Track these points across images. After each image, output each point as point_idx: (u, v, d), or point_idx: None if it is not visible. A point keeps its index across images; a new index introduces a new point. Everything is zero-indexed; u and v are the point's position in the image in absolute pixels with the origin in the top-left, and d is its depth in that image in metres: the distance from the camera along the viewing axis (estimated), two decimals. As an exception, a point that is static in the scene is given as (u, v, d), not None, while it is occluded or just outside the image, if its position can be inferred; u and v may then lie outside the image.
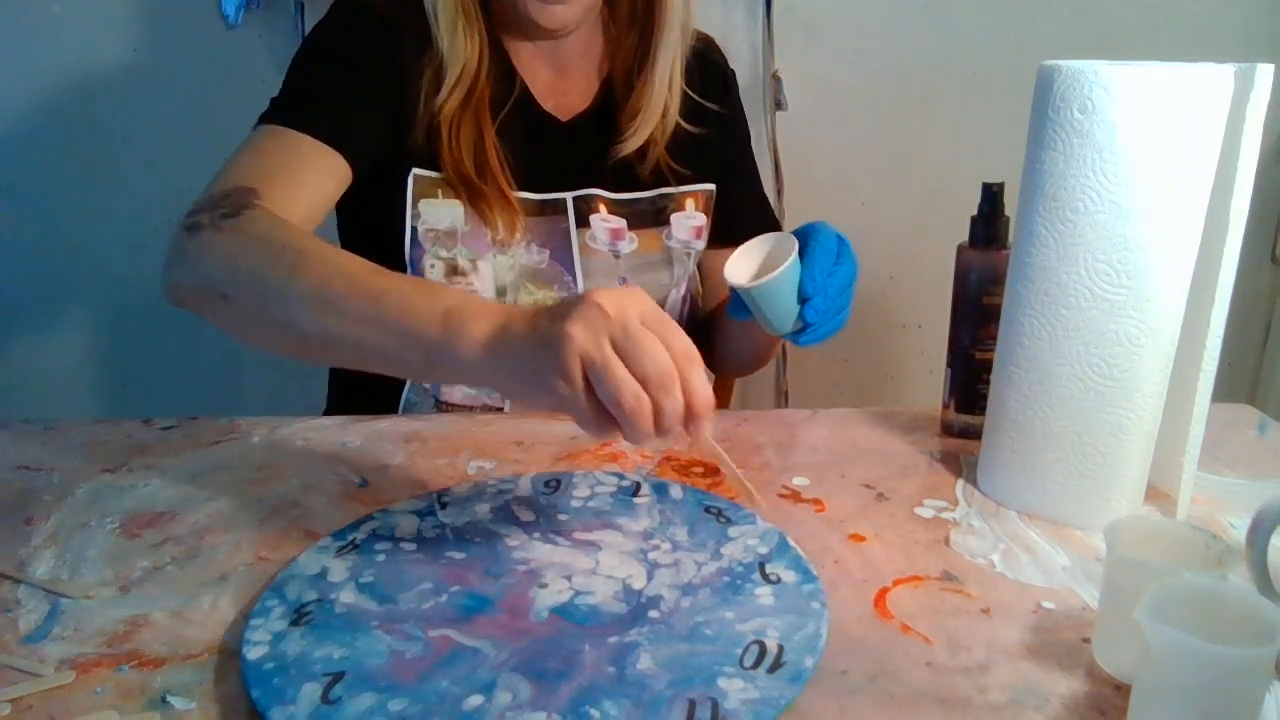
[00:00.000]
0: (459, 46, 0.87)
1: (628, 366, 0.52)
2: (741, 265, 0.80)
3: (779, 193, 1.58)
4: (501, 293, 0.91)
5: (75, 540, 0.67)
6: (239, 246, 0.67)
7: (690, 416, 0.54)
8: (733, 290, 0.78)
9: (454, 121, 0.88)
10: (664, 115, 0.94)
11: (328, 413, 1.04)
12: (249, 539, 0.67)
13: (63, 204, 1.56)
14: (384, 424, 0.86)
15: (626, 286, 0.52)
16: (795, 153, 1.58)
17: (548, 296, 0.93)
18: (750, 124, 1.08)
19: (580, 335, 0.52)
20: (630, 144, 0.94)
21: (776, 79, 1.54)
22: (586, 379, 0.52)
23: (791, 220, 1.61)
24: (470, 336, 0.56)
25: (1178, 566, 0.52)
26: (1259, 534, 0.55)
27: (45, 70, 1.50)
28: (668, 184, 0.97)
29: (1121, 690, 0.51)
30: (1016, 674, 0.53)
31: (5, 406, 1.63)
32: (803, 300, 0.77)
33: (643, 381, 0.52)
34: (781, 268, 0.75)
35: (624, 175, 0.96)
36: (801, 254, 0.77)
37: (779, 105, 1.54)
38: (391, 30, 0.88)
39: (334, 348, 0.62)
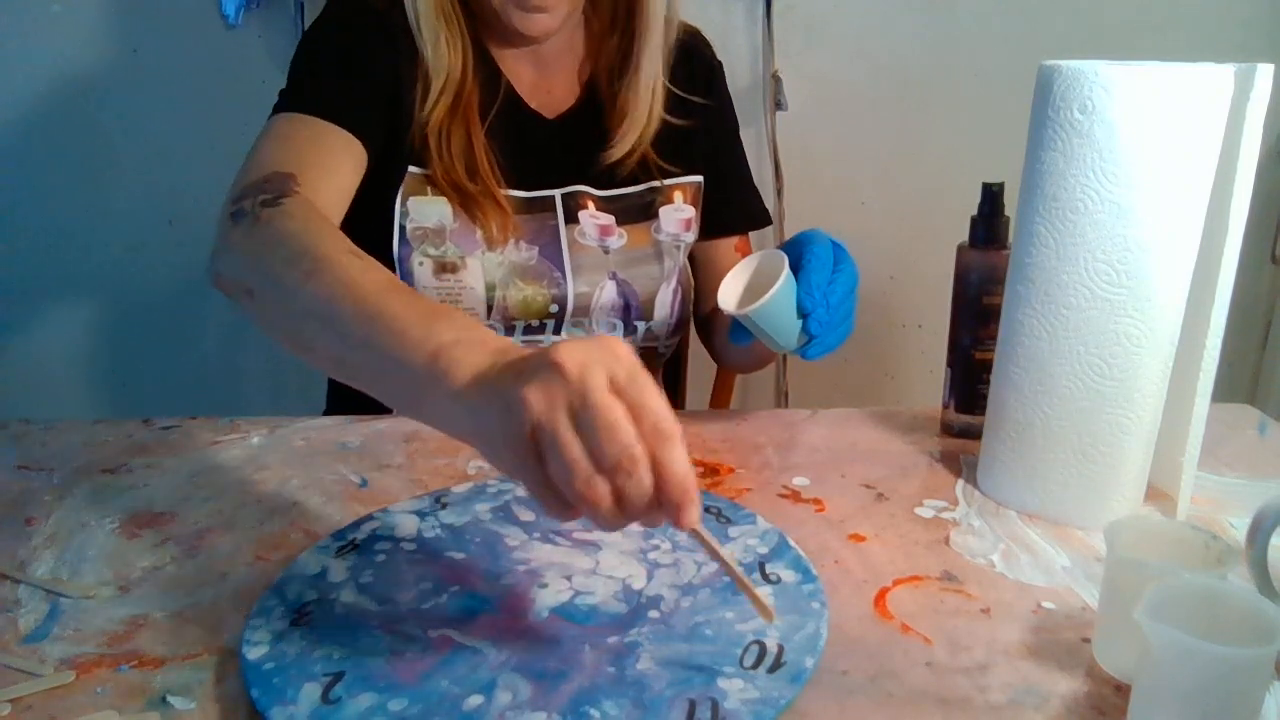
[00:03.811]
0: (442, 56, 0.87)
1: (584, 443, 0.44)
2: (732, 289, 0.78)
3: (779, 193, 1.58)
4: (491, 289, 0.91)
5: (75, 540, 0.67)
6: (268, 243, 0.65)
7: (664, 502, 0.45)
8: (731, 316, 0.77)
9: (443, 129, 0.89)
10: (649, 118, 0.94)
11: (328, 413, 1.04)
12: (249, 539, 0.67)
13: (62, 204, 1.56)
14: (384, 424, 0.86)
15: (602, 337, 0.44)
16: (795, 153, 1.58)
17: (537, 293, 0.92)
18: (750, 124, 1.08)
19: (534, 402, 0.44)
20: (617, 150, 0.94)
21: (776, 79, 1.53)
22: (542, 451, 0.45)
23: (791, 220, 1.61)
24: (450, 383, 0.49)
25: (1178, 566, 0.52)
26: (1259, 534, 0.55)
27: (45, 70, 1.50)
28: (654, 178, 0.97)
29: (1121, 690, 0.51)
30: (1016, 674, 0.53)
31: (5, 406, 1.63)
32: (803, 315, 0.75)
33: (598, 462, 0.44)
34: (774, 289, 0.73)
35: (609, 172, 0.96)
36: (795, 266, 0.76)
37: (779, 105, 1.54)
38: (389, 32, 0.88)
39: (335, 366, 0.58)
